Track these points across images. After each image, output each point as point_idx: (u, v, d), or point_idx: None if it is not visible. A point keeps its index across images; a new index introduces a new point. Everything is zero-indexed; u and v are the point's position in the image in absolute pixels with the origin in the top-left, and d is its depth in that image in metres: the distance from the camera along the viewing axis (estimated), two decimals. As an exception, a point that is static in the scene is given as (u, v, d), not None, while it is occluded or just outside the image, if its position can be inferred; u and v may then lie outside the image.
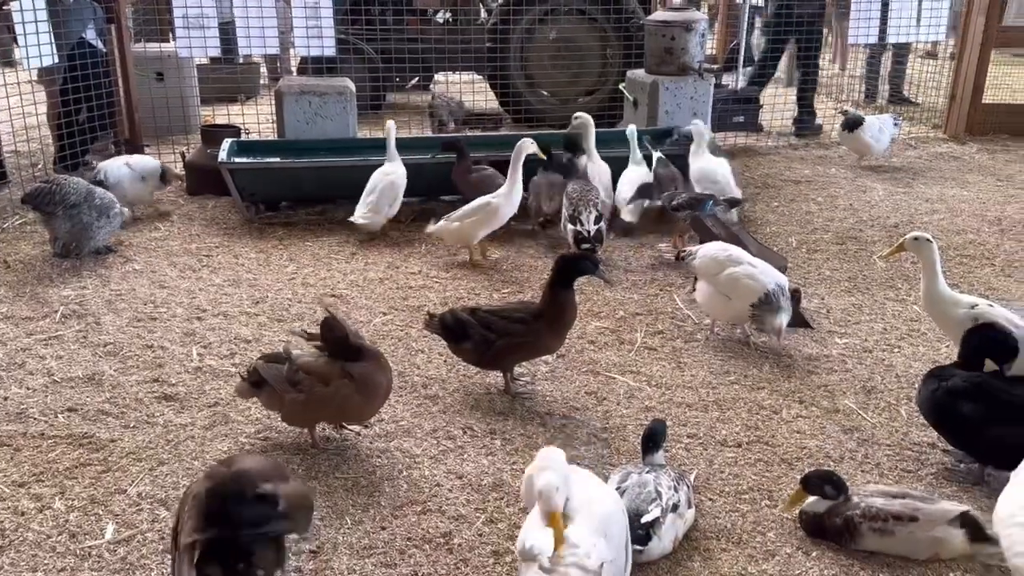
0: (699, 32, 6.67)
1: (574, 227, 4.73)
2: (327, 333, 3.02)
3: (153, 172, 5.55)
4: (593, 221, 4.72)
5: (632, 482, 2.60)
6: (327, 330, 3.01)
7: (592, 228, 4.70)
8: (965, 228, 5.60)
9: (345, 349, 3.00)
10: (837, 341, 4.04)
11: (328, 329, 3.01)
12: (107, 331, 4.02)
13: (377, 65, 8.16)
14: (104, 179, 5.31)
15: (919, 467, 3.11)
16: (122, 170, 5.44)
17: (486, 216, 4.80)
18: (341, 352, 3.01)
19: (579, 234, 4.70)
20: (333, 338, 3.00)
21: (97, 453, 3.10)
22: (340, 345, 3.00)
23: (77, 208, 4.73)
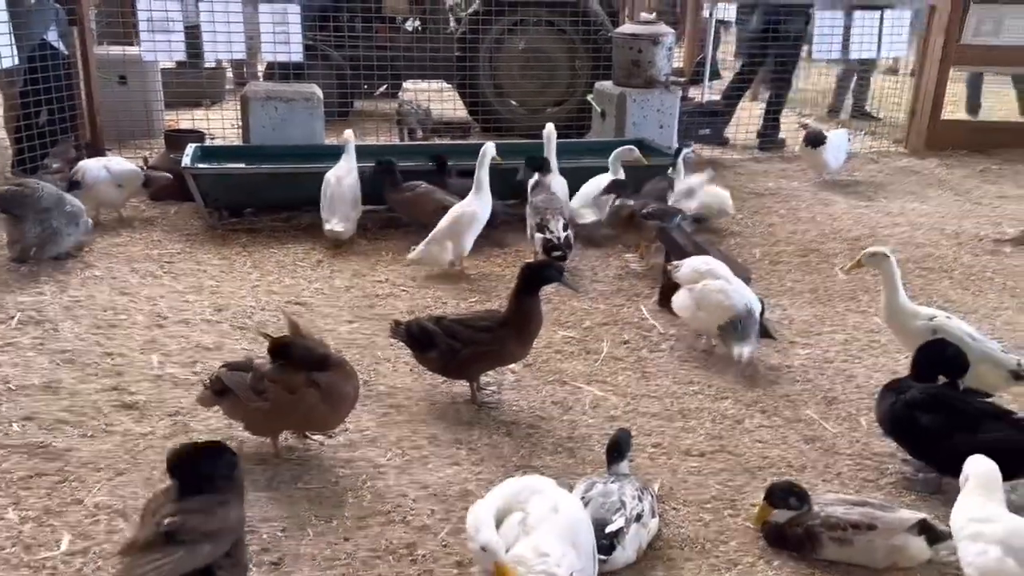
0: (666, 45, 6.75)
1: (543, 235, 4.74)
2: (290, 350, 2.98)
3: (131, 178, 5.45)
4: (562, 228, 4.74)
5: (596, 492, 2.61)
6: (290, 348, 2.98)
7: (561, 235, 4.72)
8: (924, 241, 5.72)
9: (310, 360, 2.97)
10: (799, 352, 4.09)
11: (290, 347, 2.98)
12: (65, 338, 3.94)
13: (345, 72, 8.13)
14: (80, 179, 5.24)
15: (879, 476, 3.15)
16: (100, 172, 5.36)
17: (467, 223, 4.78)
18: (306, 363, 2.98)
19: (548, 242, 4.71)
20: (297, 354, 2.98)
21: (53, 463, 3.03)
22: (304, 358, 2.98)
23: (48, 213, 4.66)
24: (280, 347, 2.98)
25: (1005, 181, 7.32)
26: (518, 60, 8.19)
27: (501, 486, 2.38)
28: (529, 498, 2.24)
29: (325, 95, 6.55)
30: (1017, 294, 4.86)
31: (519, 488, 2.34)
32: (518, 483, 2.35)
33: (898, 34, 7.90)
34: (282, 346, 2.98)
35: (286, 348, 2.97)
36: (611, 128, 6.81)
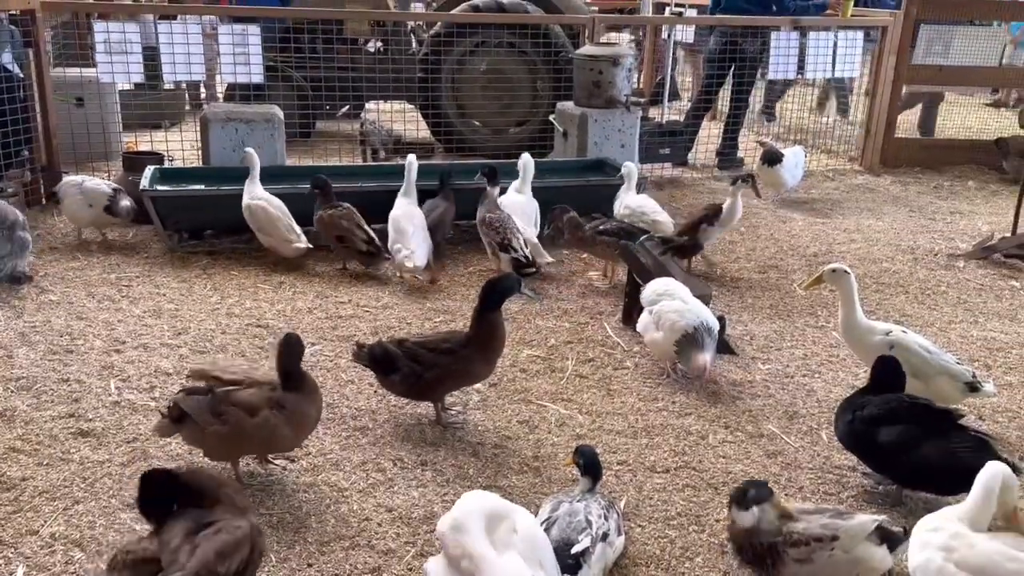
0: (626, 67, 6.83)
1: (508, 255, 4.86)
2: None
3: (98, 198, 5.34)
4: (524, 245, 4.91)
5: (563, 511, 2.61)
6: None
7: (527, 251, 4.89)
8: (881, 257, 5.83)
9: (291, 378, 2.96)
10: (760, 367, 4.14)
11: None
12: (20, 364, 3.86)
13: (307, 93, 8.10)
14: (55, 192, 5.30)
15: (840, 489, 3.20)
16: (72, 189, 5.31)
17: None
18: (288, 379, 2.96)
19: (517, 261, 4.85)
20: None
21: (8, 492, 2.95)
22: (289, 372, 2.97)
23: (12, 230, 4.68)
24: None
25: (957, 197, 7.51)
26: (480, 81, 8.23)
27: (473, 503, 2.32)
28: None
29: (287, 116, 6.52)
30: (971, 308, 4.98)
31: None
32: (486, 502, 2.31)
33: (851, 54, 8.09)
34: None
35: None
36: (573, 148, 6.87)
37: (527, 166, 5.45)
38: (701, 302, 4.03)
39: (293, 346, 2.98)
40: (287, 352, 2.97)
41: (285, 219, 5.14)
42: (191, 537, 2.18)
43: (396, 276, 5.13)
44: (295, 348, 2.98)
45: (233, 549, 2.20)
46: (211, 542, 2.18)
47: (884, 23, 8.11)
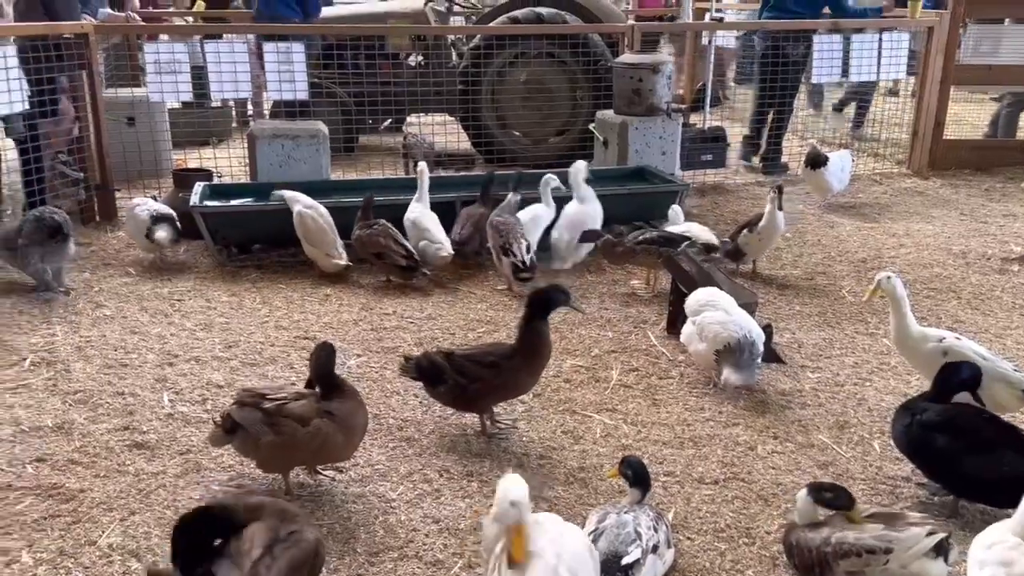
0: (666, 74, 6.80)
1: (509, 259, 4.96)
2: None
3: (141, 227, 5.40)
4: (525, 251, 4.97)
5: (611, 523, 2.59)
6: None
7: (526, 257, 4.94)
8: (931, 262, 5.71)
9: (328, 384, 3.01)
10: (809, 376, 4.08)
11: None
12: (77, 378, 3.97)
13: (350, 108, 8.22)
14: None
15: (894, 500, 3.13)
16: (128, 213, 5.51)
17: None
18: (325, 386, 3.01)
19: (515, 265, 4.93)
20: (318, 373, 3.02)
21: (66, 504, 3.03)
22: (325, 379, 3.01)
23: (65, 242, 4.98)
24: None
25: (1010, 199, 7.32)
26: (520, 92, 8.27)
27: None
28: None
29: (331, 131, 6.62)
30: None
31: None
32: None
33: (897, 56, 7.95)
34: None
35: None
36: (613, 156, 6.86)
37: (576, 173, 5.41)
38: (746, 311, 3.99)
39: (324, 354, 3.04)
40: (318, 360, 3.03)
41: (331, 233, 5.21)
42: (271, 549, 2.22)
43: (429, 274, 5.21)
44: (326, 356, 3.04)
45: (305, 561, 2.26)
46: (286, 556, 2.23)
47: (931, 23, 7.96)
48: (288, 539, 2.28)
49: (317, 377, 3.04)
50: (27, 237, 4.83)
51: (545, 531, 2.19)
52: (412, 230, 5.27)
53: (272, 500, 2.50)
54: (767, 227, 5.19)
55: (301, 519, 2.40)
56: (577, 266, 5.51)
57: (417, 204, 5.38)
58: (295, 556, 2.25)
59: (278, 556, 2.22)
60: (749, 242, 5.26)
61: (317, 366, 3.04)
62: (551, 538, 2.16)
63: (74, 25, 6.25)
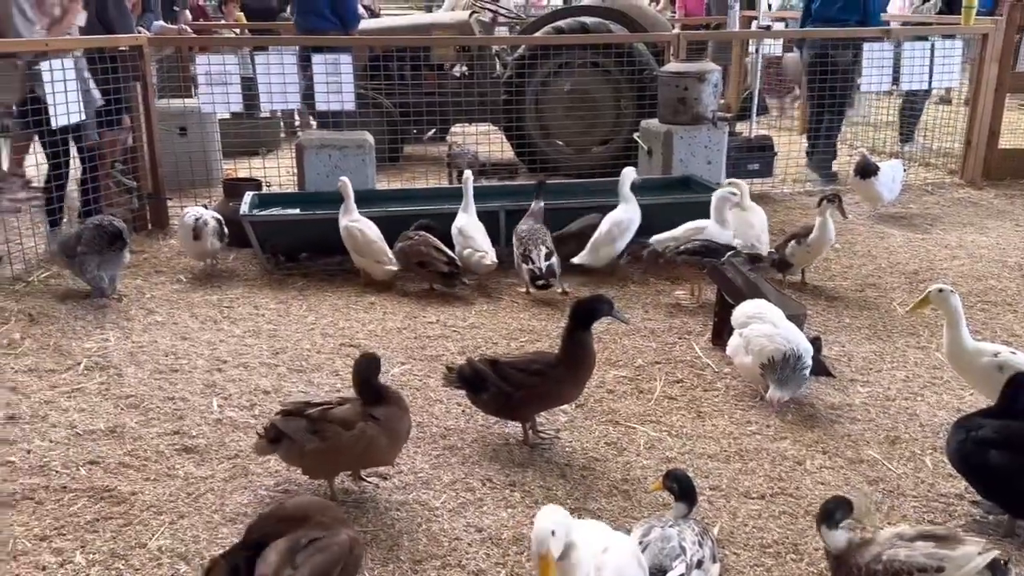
0: (712, 82, 6.76)
1: (527, 266, 5.01)
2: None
3: (188, 229, 5.51)
4: (544, 258, 4.98)
5: (655, 536, 2.56)
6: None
7: (543, 265, 4.97)
8: (986, 274, 5.57)
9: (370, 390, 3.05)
10: (859, 390, 4.00)
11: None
12: (129, 383, 4.05)
13: (395, 118, 8.30)
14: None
15: (947, 518, 3.05)
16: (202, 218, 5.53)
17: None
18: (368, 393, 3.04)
19: (532, 272, 4.98)
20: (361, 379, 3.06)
21: (118, 506, 3.10)
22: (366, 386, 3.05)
23: (122, 249, 5.13)
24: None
25: (1069, 210, 7.12)
26: (563, 101, 8.27)
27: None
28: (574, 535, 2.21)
29: (376, 141, 6.69)
30: (1087, 327, 4.71)
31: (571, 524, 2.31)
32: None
33: (949, 64, 7.79)
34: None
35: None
36: (658, 165, 6.82)
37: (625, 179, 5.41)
38: (795, 323, 3.93)
39: (364, 363, 3.08)
40: (360, 369, 3.07)
41: (379, 242, 5.27)
42: (292, 557, 2.25)
43: (469, 282, 5.24)
44: (365, 365, 3.08)
45: (331, 567, 2.27)
46: (308, 565, 2.25)
47: (985, 30, 7.78)
48: (310, 546, 2.29)
49: (359, 385, 3.07)
50: (87, 244, 4.95)
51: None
52: (458, 238, 5.32)
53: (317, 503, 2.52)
54: (818, 239, 5.11)
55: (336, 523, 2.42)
56: (621, 275, 5.48)
57: (463, 214, 5.42)
58: (318, 563, 2.26)
59: (300, 564, 2.24)
60: (796, 254, 5.19)
61: (358, 374, 3.08)
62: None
63: (130, 38, 6.42)
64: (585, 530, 2.29)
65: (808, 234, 5.13)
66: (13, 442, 3.52)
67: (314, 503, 2.52)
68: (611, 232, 5.29)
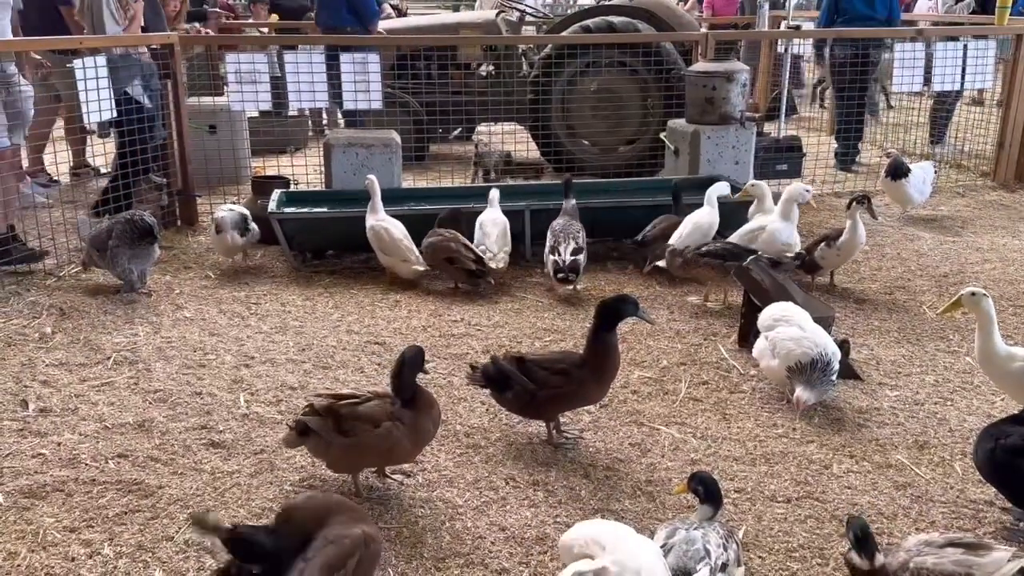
0: (740, 82, 6.71)
1: (553, 257, 5.05)
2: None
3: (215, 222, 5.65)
4: (571, 252, 5.04)
5: (679, 539, 2.55)
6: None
7: (568, 258, 5.02)
8: (1018, 278, 5.48)
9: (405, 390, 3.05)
10: (888, 393, 3.95)
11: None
12: (158, 378, 4.10)
13: (422, 117, 8.32)
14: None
15: (976, 525, 3.01)
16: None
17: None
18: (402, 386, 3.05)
19: (556, 264, 5.03)
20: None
21: (146, 500, 3.14)
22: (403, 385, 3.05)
23: (152, 244, 5.19)
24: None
25: (1105, 213, 6.98)
26: (590, 101, 8.25)
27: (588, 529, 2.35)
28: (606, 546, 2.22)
29: (402, 140, 6.72)
30: (1123, 333, 4.61)
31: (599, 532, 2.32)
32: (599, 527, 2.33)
33: (983, 64, 7.67)
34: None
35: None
36: (684, 166, 6.78)
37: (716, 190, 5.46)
38: (822, 326, 3.89)
39: (411, 360, 3.06)
40: (404, 366, 3.05)
41: (405, 241, 5.29)
42: (302, 553, 2.27)
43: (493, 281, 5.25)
44: (414, 362, 3.07)
45: (342, 561, 2.28)
46: (320, 556, 2.27)
47: (1020, 30, 7.65)
48: (324, 541, 2.31)
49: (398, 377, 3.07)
50: (118, 238, 5.02)
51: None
52: (477, 232, 5.38)
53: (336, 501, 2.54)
54: (848, 242, 5.06)
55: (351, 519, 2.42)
56: (646, 276, 5.46)
57: (490, 209, 5.47)
58: (330, 554, 2.28)
59: (312, 556, 2.27)
60: (826, 256, 5.13)
61: (401, 365, 3.06)
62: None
63: (161, 36, 6.50)
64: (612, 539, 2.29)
65: (838, 236, 5.08)
66: (44, 435, 3.58)
67: (332, 502, 2.52)
68: (692, 235, 5.22)
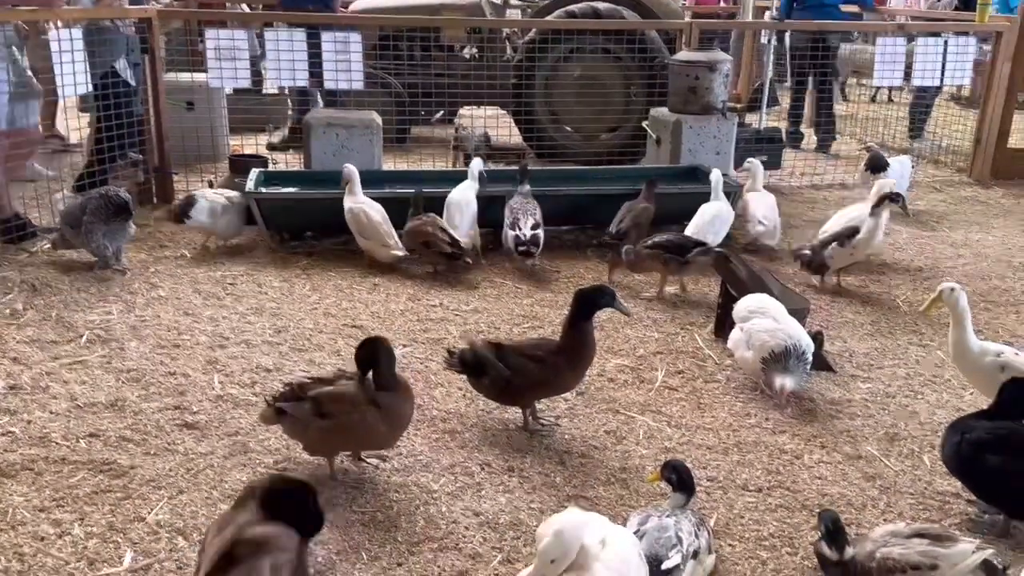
0: (723, 72, 6.71)
1: (513, 232, 5.15)
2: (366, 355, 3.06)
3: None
4: (530, 227, 5.14)
5: (652, 526, 2.58)
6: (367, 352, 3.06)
7: (529, 233, 5.12)
8: (990, 274, 5.56)
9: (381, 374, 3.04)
10: (860, 386, 4.00)
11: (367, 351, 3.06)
12: (131, 357, 4.06)
13: (404, 99, 8.26)
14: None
15: (942, 516, 3.06)
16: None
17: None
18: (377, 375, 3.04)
19: (517, 238, 5.12)
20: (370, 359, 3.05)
21: (118, 480, 3.11)
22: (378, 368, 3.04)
23: (127, 221, 5.17)
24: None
25: (1076, 212, 7.09)
26: (573, 87, 8.22)
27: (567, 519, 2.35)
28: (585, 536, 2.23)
29: (384, 122, 6.67)
30: (1090, 330, 4.70)
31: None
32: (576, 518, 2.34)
33: (962, 61, 7.73)
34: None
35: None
36: (666, 154, 6.79)
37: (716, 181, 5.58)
38: (797, 317, 3.93)
39: (389, 351, 3.06)
40: (385, 358, 3.04)
41: (384, 225, 5.25)
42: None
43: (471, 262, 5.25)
44: (390, 352, 3.06)
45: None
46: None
47: (1000, 28, 7.72)
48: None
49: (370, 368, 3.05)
50: (92, 214, 4.95)
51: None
52: (445, 212, 5.33)
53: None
54: (864, 241, 4.94)
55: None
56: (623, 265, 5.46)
57: (459, 188, 5.42)
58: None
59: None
60: (836, 256, 4.99)
61: (373, 360, 3.04)
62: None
63: (139, 10, 6.39)
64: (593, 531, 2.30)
65: (853, 235, 4.96)
66: (14, 412, 3.54)
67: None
68: (714, 223, 5.31)
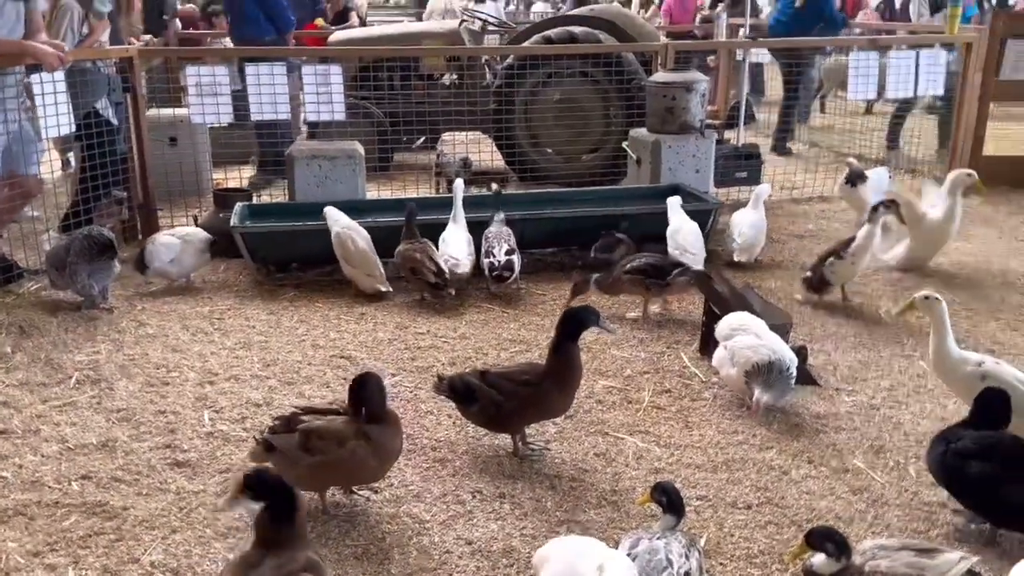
0: (700, 92, 6.81)
1: (487, 259, 5.25)
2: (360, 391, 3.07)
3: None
4: (504, 253, 5.24)
5: (642, 548, 2.60)
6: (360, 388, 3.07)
7: (503, 258, 5.22)
8: (971, 283, 5.64)
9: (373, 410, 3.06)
10: (844, 399, 4.05)
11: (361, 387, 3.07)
12: (120, 396, 4.07)
13: (385, 127, 8.33)
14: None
15: (929, 527, 3.10)
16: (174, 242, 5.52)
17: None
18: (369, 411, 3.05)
19: (491, 264, 5.23)
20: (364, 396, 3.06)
21: (111, 521, 3.12)
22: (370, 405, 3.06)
23: (112, 259, 5.19)
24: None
25: (1052, 217, 7.20)
26: (553, 110, 8.31)
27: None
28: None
29: (366, 150, 6.72)
30: (1068, 334, 4.77)
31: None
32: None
33: (935, 72, 7.87)
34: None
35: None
36: (647, 175, 6.87)
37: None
38: (780, 332, 3.98)
39: (379, 385, 3.08)
40: (376, 392, 3.07)
41: (371, 253, 5.29)
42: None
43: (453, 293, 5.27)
44: (381, 386, 3.09)
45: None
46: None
47: (969, 39, 7.87)
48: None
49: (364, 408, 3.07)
50: (76, 255, 4.97)
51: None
52: (441, 245, 5.39)
53: None
54: (861, 247, 4.94)
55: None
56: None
57: (452, 225, 5.48)
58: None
59: None
60: (837, 270, 5.00)
61: (364, 396, 3.06)
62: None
63: (119, 50, 6.44)
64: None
65: (847, 246, 4.98)
66: (5, 457, 3.54)
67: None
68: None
